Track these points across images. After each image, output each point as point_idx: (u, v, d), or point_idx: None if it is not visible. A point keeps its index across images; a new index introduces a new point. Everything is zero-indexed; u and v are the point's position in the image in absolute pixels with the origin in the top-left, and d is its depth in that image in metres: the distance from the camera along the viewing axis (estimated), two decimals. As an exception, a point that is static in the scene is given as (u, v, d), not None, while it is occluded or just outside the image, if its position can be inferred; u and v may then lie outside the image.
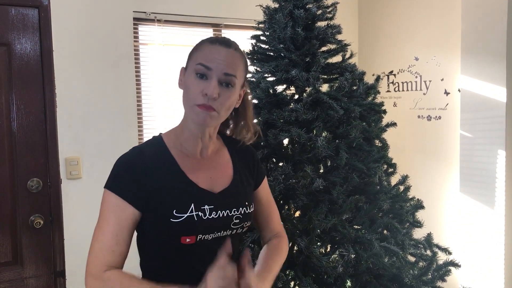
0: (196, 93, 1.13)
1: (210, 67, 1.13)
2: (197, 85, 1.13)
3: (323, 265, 1.63)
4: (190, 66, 1.17)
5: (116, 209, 1.14)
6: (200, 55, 1.16)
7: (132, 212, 1.14)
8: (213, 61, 1.14)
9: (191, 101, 1.14)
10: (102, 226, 1.15)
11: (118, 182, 1.16)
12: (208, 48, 1.17)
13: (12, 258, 2.35)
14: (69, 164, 2.60)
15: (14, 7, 2.30)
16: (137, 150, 1.21)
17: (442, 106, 3.10)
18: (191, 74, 1.15)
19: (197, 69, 1.14)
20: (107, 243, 1.13)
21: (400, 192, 1.97)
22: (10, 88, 2.31)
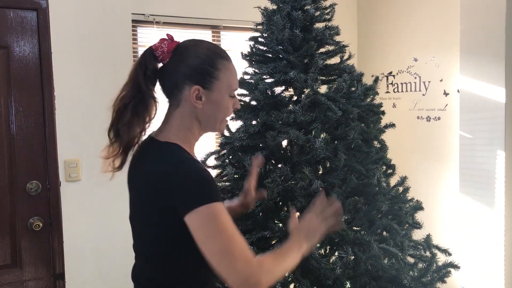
0: (230, 110, 1.28)
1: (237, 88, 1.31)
2: (231, 105, 1.28)
3: (321, 267, 1.62)
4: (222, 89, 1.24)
5: (226, 214, 1.13)
6: (232, 80, 1.27)
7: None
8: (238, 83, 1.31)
9: (224, 116, 1.28)
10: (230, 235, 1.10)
11: (212, 191, 1.14)
12: (232, 70, 1.28)
13: (11, 260, 2.35)
14: (68, 166, 2.60)
15: (12, 9, 2.30)
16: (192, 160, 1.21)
17: (442, 107, 3.10)
18: (225, 96, 1.25)
19: (233, 94, 1.28)
20: (243, 243, 1.12)
21: (399, 193, 1.96)
22: (9, 91, 2.31)
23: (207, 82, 1.22)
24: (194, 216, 1.10)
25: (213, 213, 1.10)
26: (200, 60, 1.23)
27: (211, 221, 1.10)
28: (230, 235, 1.10)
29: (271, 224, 1.73)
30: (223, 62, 1.24)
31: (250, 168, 1.62)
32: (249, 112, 1.93)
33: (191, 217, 1.10)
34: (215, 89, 1.23)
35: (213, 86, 1.23)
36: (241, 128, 1.94)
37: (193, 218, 1.10)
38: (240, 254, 1.09)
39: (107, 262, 2.78)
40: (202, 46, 1.27)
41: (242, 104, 1.97)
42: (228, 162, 1.96)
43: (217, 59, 1.24)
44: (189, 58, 1.24)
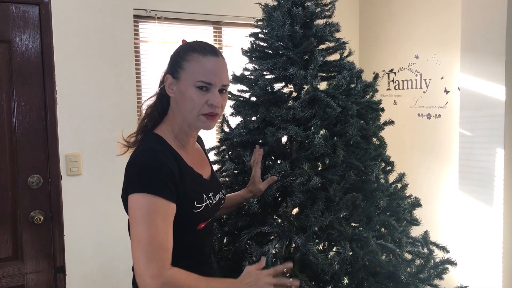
0: (201, 104, 1.27)
1: (211, 82, 1.27)
2: (200, 97, 1.27)
3: (319, 262, 1.63)
4: (187, 79, 1.27)
5: (160, 209, 1.17)
6: (197, 71, 1.26)
7: (173, 208, 1.22)
8: (212, 77, 1.27)
9: (195, 111, 1.27)
10: (149, 230, 1.14)
11: (156, 184, 1.18)
12: (202, 62, 1.27)
13: (12, 253, 2.37)
14: (69, 160, 2.62)
15: (15, 4, 2.31)
16: (156, 150, 1.26)
17: (442, 105, 3.10)
18: (190, 87, 1.27)
19: (198, 85, 1.26)
20: (161, 243, 1.15)
21: (397, 190, 1.97)
22: (10, 85, 2.32)
23: (175, 72, 1.30)
24: (131, 200, 1.18)
25: (141, 203, 1.16)
26: (176, 53, 1.34)
27: (141, 209, 1.16)
28: (153, 232, 1.14)
29: (269, 220, 1.74)
30: (193, 55, 1.28)
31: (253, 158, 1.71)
32: (249, 108, 1.94)
33: (130, 200, 1.18)
34: (182, 79, 1.28)
35: (180, 76, 1.29)
36: (240, 124, 1.94)
37: (130, 202, 1.18)
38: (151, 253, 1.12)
39: (108, 255, 2.80)
40: (189, 43, 1.36)
41: (242, 100, 1.98)
42: (227, 157, 1.97)
43: (188, 52, 1.29)
44: (172, 53, 1.37)
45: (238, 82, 1.99)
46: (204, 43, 1.34)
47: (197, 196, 1.30)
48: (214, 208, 1.39)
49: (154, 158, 1.22)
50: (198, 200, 1.30)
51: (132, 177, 1.20)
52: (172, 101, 1.35)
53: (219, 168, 2.00)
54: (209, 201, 1.35)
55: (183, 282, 1.16)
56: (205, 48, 1.30)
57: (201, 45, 1.32)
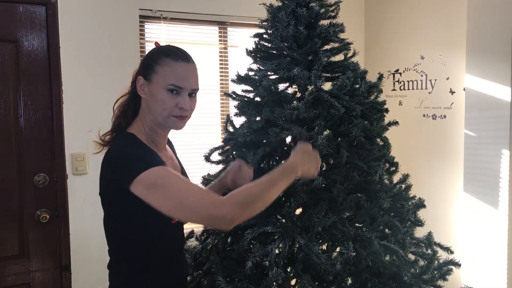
0: (171, 106, 1.33)
1: (182, 87, 1.34)
2: (171, 100, 1.33)
3: (322, 262, 1.63)
4: (159, 82, 1.33)
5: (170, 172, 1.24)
6: (169, 75, 1.33)
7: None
8: (183, 81, 1.34)
9: (166, 112, 1.34)
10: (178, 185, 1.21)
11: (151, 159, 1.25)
12: (174, 67, 1.34)
13: (19, 251, 2.40)
14: (75, 159, 2.63)
15: (22, 4, 2.34)
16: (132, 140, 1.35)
17: (447, 105, 3.09)
18: (161, 89, 1.33)
19: (169, 88, 1.33)
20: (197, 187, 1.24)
21: (401, 190, 1.97)
22: (17, 85, 2.35)
23: (147, 74, 1.36)
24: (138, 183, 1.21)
25: (157, 174, 1.21)
26: (148, 56, 1.40)
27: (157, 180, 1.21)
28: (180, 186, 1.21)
29: (273, 220, 1.75)
30: (166, 59, 1.34)
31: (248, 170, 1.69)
32: (253, 108, 1.94)
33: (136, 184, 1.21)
34: (154, 81, 1.34)
35: (152, 78, 1.35)
36: (244, 124, 1.95)
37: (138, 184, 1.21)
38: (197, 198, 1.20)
39: (113, 254, 2.82)
40: (161, 47, 1.43)
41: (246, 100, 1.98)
42: (231, 157, 1.97)
43: (161, 56, 1.36)
44: (145, 56, 1.43)
45: (243, 82, 2.00)
46: (177, 48, 1.40)
47: None
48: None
49: (136, 146, 1.32)
50: None
51: (124, 166, 1.25)
52: (143, 101, 1.40)
53: (223, 168, 2.01)
54: None
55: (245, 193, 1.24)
56: (177, 53, 1.37)
57: (174, 50, 1.38)
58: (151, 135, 1.40)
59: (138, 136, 1.37)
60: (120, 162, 1.27)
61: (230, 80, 2.15)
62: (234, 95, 2.00)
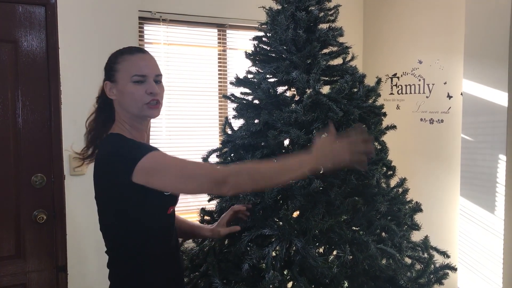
0: (141, 95, 1.38)
1: (145, 74, 1.39)
2: (139, 90, 1.38)
3: (319, 265, 1.64)
4: (123, 77, 1.40)
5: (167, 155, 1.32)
6: (130, 67, 1.39)
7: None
8: (144, 69, 1.40)
9: (139, 103, 1.38)
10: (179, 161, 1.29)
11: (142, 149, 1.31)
12: (133, 60, 1.41)
13: (15, 252, 2.39)
14: (72, 160, 2.63)
15: (21, 4, 2.34)
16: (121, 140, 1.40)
17: (445, 110, 3.10)
18: (127, 84, 1.39)
19: (134, 79, 1.38)
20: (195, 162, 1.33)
21: (398, 194, 1.98)
22: (16, 85, 2.34)
23: (111, 76, 1.43)
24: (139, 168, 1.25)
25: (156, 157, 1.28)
26: (107, 62, 1.47)
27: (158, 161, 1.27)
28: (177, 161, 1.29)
29: (270, 222, 1.75)
30: (123, 56, 1.42)
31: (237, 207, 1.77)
32: (251, 111, 1.95)
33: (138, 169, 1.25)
34: (118, 80, 1.41)
35: (116, 78, 1.42)
36: (243, 127, 1.96)
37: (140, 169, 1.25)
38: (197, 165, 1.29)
39: (109, 255, 2.81)
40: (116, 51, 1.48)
41: (244, 103, 1.99)
42: (229, 159, 1.98)
43: (117, 56, 1.44)
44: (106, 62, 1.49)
45: (241, 85, 2.01)
46: (129, 46, 1.48)
47: None
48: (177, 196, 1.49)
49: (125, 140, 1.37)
50: None
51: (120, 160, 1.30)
52: (115, 104, 1.45)
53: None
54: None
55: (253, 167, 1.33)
56: (131, 48, 1.45)
57: (128, 47, 1.46)
58: (133, 132, 1.44)
59: (124, 134, 1.42)
60: (116, 158, 1.32)
61: (228, 83, 2.16)
62: (232, 97, 2.01)
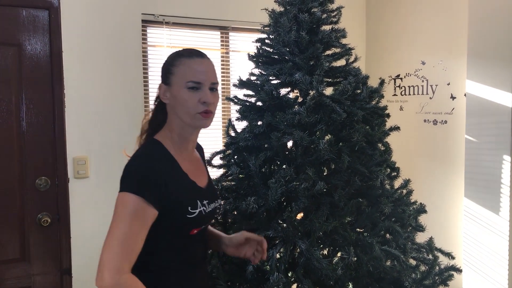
0: (194, 104, 1.32)
1: (200, 81, 1.33)
2: (192, 97, 1.32)
3: (323, 267, 1.64)
4: (178, 82, 1.34)
5: (140, 211, 1.22)
6: (186, 73, 1.33)
7: (154, 214, 1.26)
8: (200, 76, 1.33)
9: (192, 111, 1.33)
10: (123, 227, 1.20)
11: (143, 186, 1.24)
12: (190, 64, 1.34)
13: (20, 255, 2.40)
14: (76, 163, 2.64)
15: (25, 8, 2.35)
16: (151, 155, 1.33)
17: (448, 111, 3.10)
18: (181, 89, 1.33)
19: (188, 85, 1.32)
20: (130, 243, 1.20)
21: (402, 196, 1.97)
22: (20, 88, 2.35)
23: (166, 79, 1.37)
24: (119, 197, 1.25)
25: (124, 201, 1.23)
26: (164, 63, 1.40)
27: (121, 206, 1.22)
28: (126, 230, 1.20)
29: (274, 224, 1.75)
30: (180, 59, 1.35)
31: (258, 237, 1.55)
32: (255, 113, 1.95)
33: (118, 197, 1.25)
34: (173, 84, 1.35)
35: (171, 81, 1.36)
36: (246, 129, 1.96)
37: (117, 198, 1.25)
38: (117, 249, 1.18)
39: (113, 258, 2.81)
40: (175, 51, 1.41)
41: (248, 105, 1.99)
42: (233, 161, 1.98)
43: (175, 57, 1.37)
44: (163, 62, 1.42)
45: (244, 87, 2.01)
46: (190, 48, 1.41)
47: (191, 202, 1.34)
48: (208, 215, 1.41)
49: (147, 163, 1.29)
50: (192, 206, 1.34)
51: (123, 178, 1.27)
52: (168, 107, 1.39)
53: (224, 172, 2.01)
54: (203, 208, 1.38)
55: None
56: (191, 52, 1.38)
57: (187, 50, 1.39)
58: (179, 141, 1.39)
59: (164, 143, 1.37)
60: (126, 172, 1.28)
61: (232, 85, 2.16)
62: (236, 99, 2.01)
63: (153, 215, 1.25)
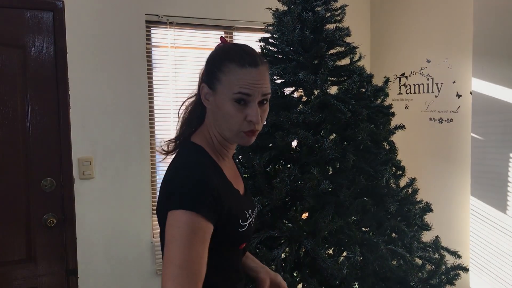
0: (240, 120, 1.15)
1: (250, 94, 1.13)
2: (239, 112, 1.14)
3: (329, 266, 1.63)
4: (224, 93, 1.15)
5: (200, 230, 1.07)
6: (235, 82, 1.14)
7: (211, 230, 1.11)
8: (251, 88, 1.13)
9: (235, 127, 1.15)
10: (184, 251, 1.04)
11: (198, 201, 1.08)
12: (241, 75, 1.14)
13: (26, 255, 2.40)
14: (82, 164, 2.64)
15: (30, 10, 2.35)
16: (200, 163, 1.16)
17: (454, 109, 3.08)
18: (227, 101, 1.14)
19: (235, 97, 1.13)
20: (194, 267, 1.05)
21: (408, 194, 1.96)
22: (25, 89, 2.36)
23: (212, 83, 1.18)
24: (170, 216, 1.08)
25: (186, 222, 1.06)
26: (211, 61, 1.21)
27: (179, 228, 1.06)
28: (188, 254, 1.04)
29: (279, 224, 1.75)
30: (230, 65, 1.15)
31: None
32: (259, 113, 1.94)
33: (169, 216, 1.08)
34: (219, 92, 1.16)
35: (217, 88, 1.17)
36: (251, 128, 1.95)
37: (169, 218, 1.08)
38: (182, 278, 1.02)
39: (119, 258, 2.82)
40: (225, 48, 1.22)
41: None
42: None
43: (224, 61, 1.17)
44: (208, 58, 1.23)
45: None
46: (242, 49, 1.19)
47: (241, 214, 1.21)
48: (254, 226, 1.29)
49: (200, 173, 1.11)
50: (243, 218, 1.21)
51: (174, 192, 1.10)
52: (208, 111, 1.23)
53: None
54: (251, 219, 1.25)
55: None
56: (243, 58, 1.16)
57: (239, 53, 1.17)
58: (219, 147, 1.24)
59: (205, 149, 1.21)
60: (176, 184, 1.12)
61: (236, 85, 2.14)
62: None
63: (211, 231, 1.10)
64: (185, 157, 1.19)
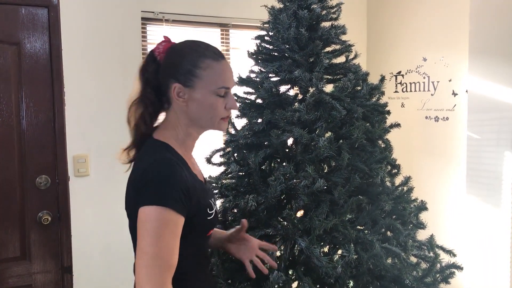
0: (221, 110, 1.27)
1: (230, 87, 1.27)
2: (221, 104, 1.26)
3: (323, 265, 1.63)
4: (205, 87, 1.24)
5: (170, 223, 1.13)
6: (216, 78, 1.24)
7: (182, 222, 1.17)
8: (230, 81, 1.28)
9: (216, 117, 1.27)
10: (156, 244, 1.10)
11: (168, 196, 1.14)
12: (219, 69, 1.25)
13: (20, 253, 2.40)
14: (77, 161, 2.64)
15: (24, 6, 2.34)
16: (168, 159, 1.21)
17: (450, 107, 3.08)
18: (210, 95, 1.24)
19: (220, 92, 1.25)
20: (166, 260, 1.11)
21: (403, 193, 1.96)
22: (19, 87, 2.35)
23: (188, 81, 1.24)
24: (141, 212, 1.13)
25: (156, 217, 1.11)
26: (183, 59, 1.26)
27: (150, 222, 1.11)
28: (159, 247, 1.10)
29: (274, 222, 1.75)
30: (206, 61, 1.24)
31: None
32: (254, 110, 1.94)
33: (140, 212, 1.14)
34: (197, 88, 1.24)
35: (195, 85, 1.24)
36: (246, 126, 1.95)
37: (140, 214, 1.14)
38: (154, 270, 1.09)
39: (115, 256, 2.82)
40: (191, 45, 1.30)
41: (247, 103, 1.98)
42: (233, 159, 1.97)
43: (200, 58, 1.24)
44: (175, 57, 1.28)
45: (244, 84, 2.00)
46: (205, 44, 1.30)
47: (207, 203, 1.29)
48: (218, 213, 1.39)
49: (168, 169, 1.17)
50: (210, 207, 1.29)
51: (145, 188, 1.16)
52: (177, 107, 1.28)
53: (224, 170, 2.01)
54: (216, 207, 1.35)
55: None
56: (214, 52, 1.27)
57: (207, 48, 1.28)
58: (187, 141, 1.32)
59: (172, 145, 1.27)
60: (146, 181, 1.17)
61: (231, 82, 2.13)
62: (235, 97, 2.00)
63: (182, 224, 1.17)
64: (152, 154, 1.23)
